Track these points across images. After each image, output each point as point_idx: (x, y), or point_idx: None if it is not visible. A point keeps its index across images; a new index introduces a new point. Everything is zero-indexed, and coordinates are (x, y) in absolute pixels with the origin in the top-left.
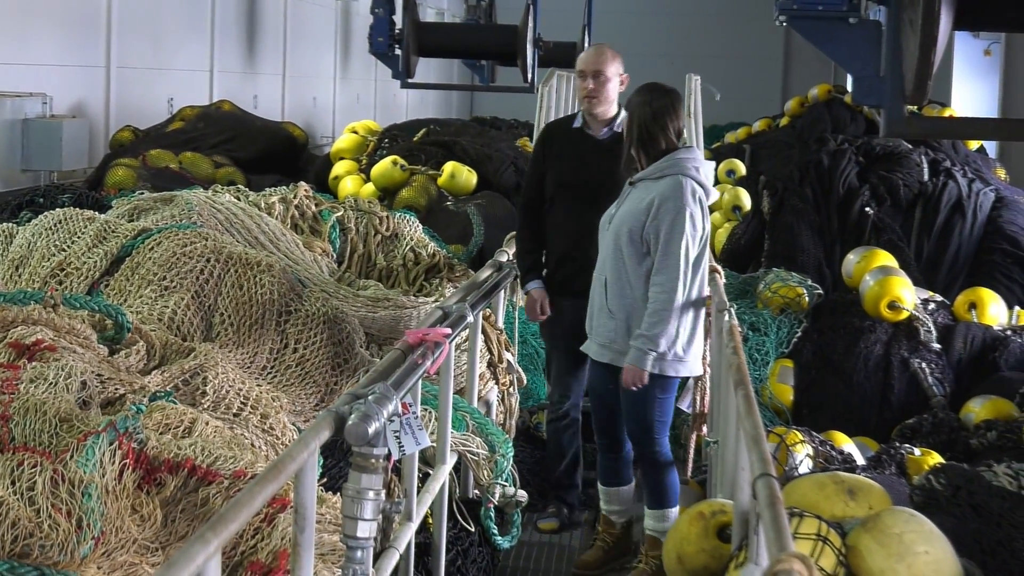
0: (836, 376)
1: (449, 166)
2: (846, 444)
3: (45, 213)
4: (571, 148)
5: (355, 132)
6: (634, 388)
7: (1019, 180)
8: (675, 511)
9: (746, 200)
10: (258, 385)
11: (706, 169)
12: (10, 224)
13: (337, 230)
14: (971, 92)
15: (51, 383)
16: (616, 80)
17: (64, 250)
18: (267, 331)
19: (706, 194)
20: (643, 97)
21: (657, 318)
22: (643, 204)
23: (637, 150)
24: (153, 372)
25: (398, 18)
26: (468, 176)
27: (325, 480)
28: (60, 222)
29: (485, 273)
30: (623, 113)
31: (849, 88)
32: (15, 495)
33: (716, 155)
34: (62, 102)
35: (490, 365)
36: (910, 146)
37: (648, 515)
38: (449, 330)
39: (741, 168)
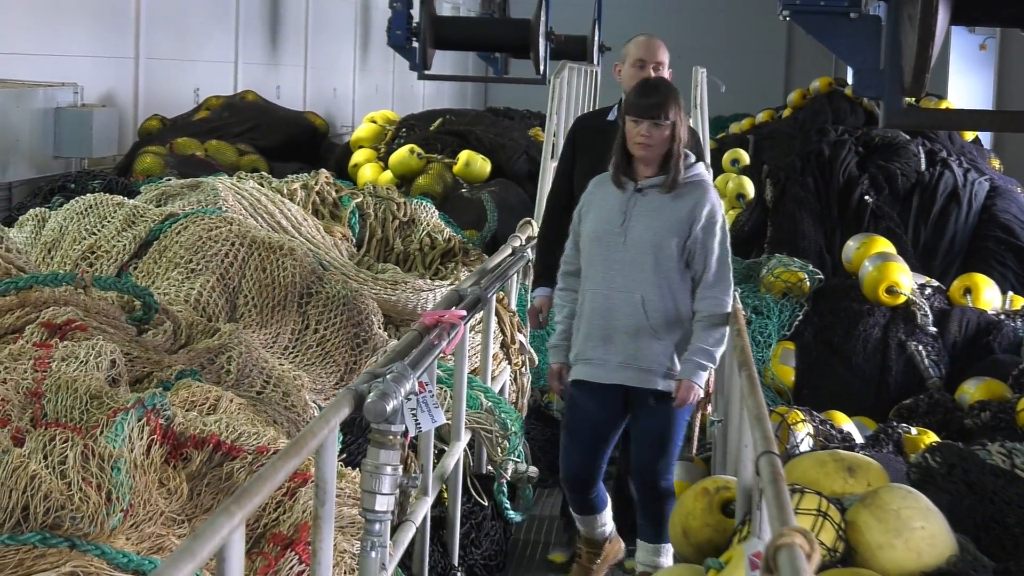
0: (836, 358)
1: (464, 154)
2: (845, 423)
3: (76, 198)
4: (604, 142)
5: (374, 122)
6: (680, 407)
7: (1013, 170)
8: (669, 546)
9: (750, 188)
10: (280, 364)
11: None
12: (43, 208)
13: (356, 216)
14: (967, 85)
15: (82, 361)
16: (667, 73)
17: (94, 234)
18: (289, 312)
19: None
20: (674, 91)
21: (719, 332)
22: (681, 213)
23: (671, 154)
24: (180, 351)
25: (415, 12)
26: (482, 164)
27: (345, 456)
28: (91, 207)
29: (499, 257)
30: None
31: (849, 81)
32: (47, 469)
33: (721, 145)
34: (93, 92)
35: (503, 346)
36: (908, 137)
37: (643, 548)
38: (464, 312)
39: (745, 157)
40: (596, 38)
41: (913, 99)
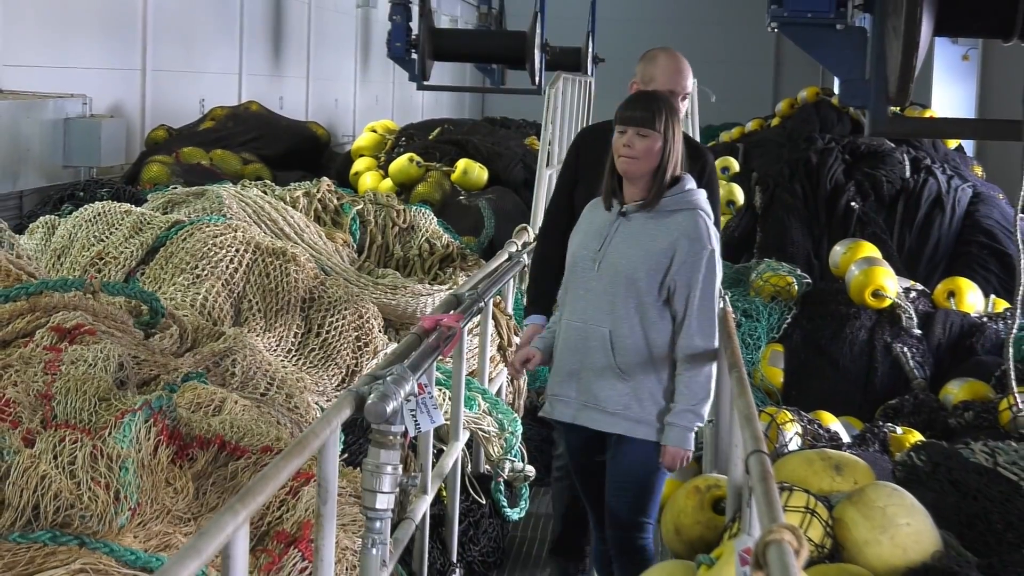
0: (823, 359)
1: (462, 163)
2: (833, 423)
3: (85, 206)
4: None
5: (374, 131)
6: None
7: (995, 177)
8: None
9: (739, 195)
10: (284, 367)
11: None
12: (52, 216)
13: (357, 222)
14: (950, 95)
15: (90, 364)
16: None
17: (103, 240)
18: (292, 316)
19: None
20: (663, 99)
21: (702, 390)
22: (661, 244)
23: (656, 171)
24: (186, 354)
25: (415, 25)
26: (480, 172)
27: (346, 455)
28: (99, 214)
29: (495, 262)
30: None
31: (836, 90)
32: (57, 469)
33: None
34: (101, 103)
35: (500, 348)
36: (893, 145)
37: None
38: (462, 316)
39: (735, 165)
40: (590, 50)
41: (898, 108)
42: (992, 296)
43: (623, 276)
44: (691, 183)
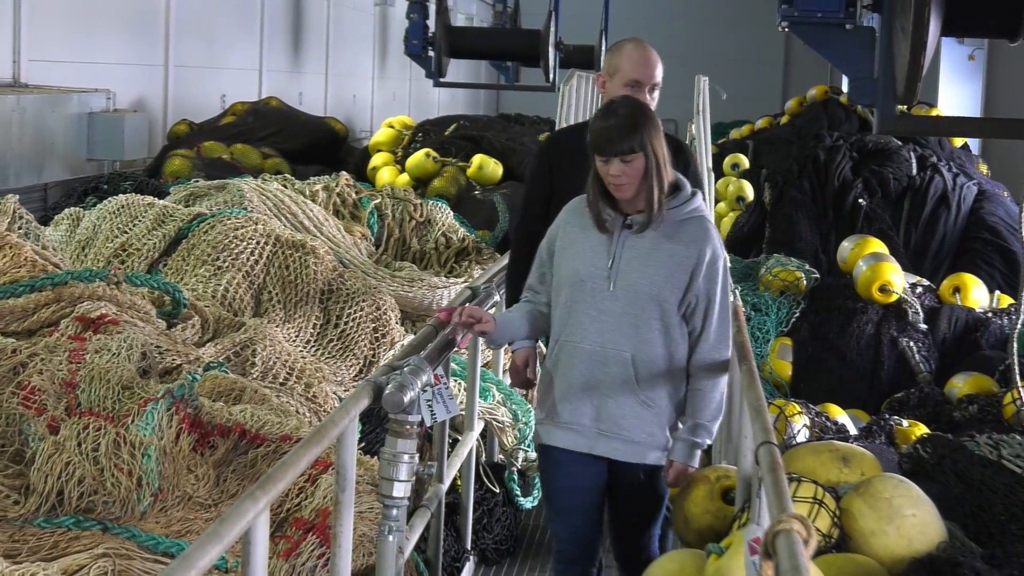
0: (831, 353)
1: (477, 158)
2: (840, 415)
3: (109, 199)
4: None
5: (391, 127)
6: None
7: (1000, 175)
8: None
9: (749, 191)
10: (303, 357)
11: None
12: (77, 208)
13: (375, 216)
14: (956, 94)
15: (114, 353)
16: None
17: (126, 232)
18: (311, 308)
19: None
20: (639, 111)
21: (717, 407)
22: (681, 259)
23: (646, 186)
24: (207, 344)
25: (431, 23)
26: (495, 167)
27: (363, 444)
28: (122, 207)
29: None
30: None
31: (844, 89)
32: (81, 455)
33: (722, 150)
34: (124, 97)
35: None
36: (900, 143)
37: None
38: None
39: (744, 162)
40: (603, 47)
41: (905, 107)
42: (997, 292)
43: (646, 296)
44: (688, 187)
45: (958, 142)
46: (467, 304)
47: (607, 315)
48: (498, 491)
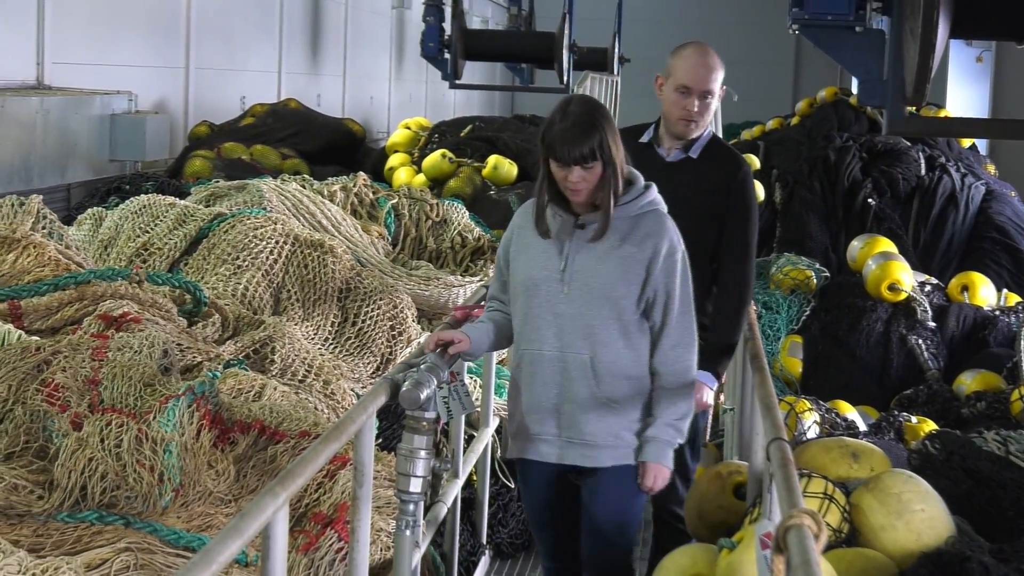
0: (841, 351)
1: (492, 159)
2: (850, 412)
3: (131, 199)
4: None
5: (408, 128)
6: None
7: (1007, 175)
8: None
9: (760, 191)
10: (321, 354)
11: None
12: (99, 208)
13: (392, 216)
14: (964, 95)
15: (136, 351)
16: (718, 98)
17: (148, 232)
18: (329, 306)
19: None
20: (597, 113)
21: (685, 403)
22: (635, 253)
23: (603, 191)
24: (227, 342)
25: (447, 25)
26: (509, 168)
27: (381, 441)
28: (144, 207)
29: None
30: (706, 134)
31: (854, 90)
32: (104, 451)
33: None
34: (146, 99)
35: None
36: (909, 143)
37: None
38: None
39: (756, 162)
40: (616, 50)
41: (914, 108)
42: (1004, 290)
43: (601, 295)
44: (641, 180)
45: (966, 143)
46: (438, 331)
47: (563, 318)
48: (513, 486)
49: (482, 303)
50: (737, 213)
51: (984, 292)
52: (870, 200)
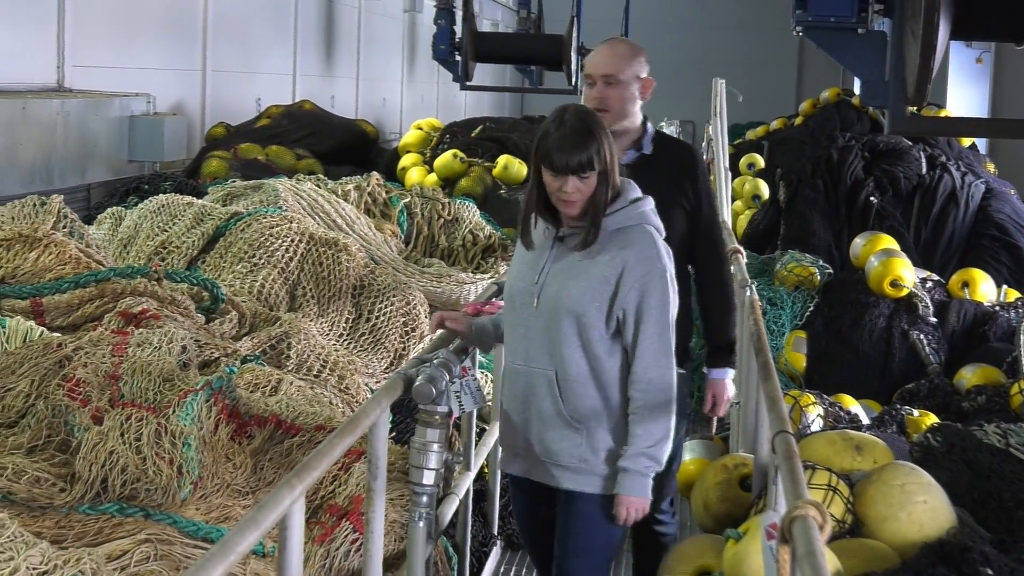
0: (844, 346)
1: (503, 159)
2: (853, 406)
3: (149, 198)
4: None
5: (420, 128)
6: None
7: (1007, 174)
8: None
9: (764, 190)
10: (336, 350)
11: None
12: (119, 208)
13: (405, 214)
14: (964, 95)
15: (155, 347)
16: (635, 86)
17: (166, 231)
18: (344, 303)
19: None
20: (593, 122)
21: (660, 430)
22: (604, 268)
23: (594, 203)
24: (244, 338)
25: (458, 28)
26: (519, 168)
27: (394, 434)
28: (163, 206)
29: None
30: (649, 128)
31: (857, 91)
32: (124, 445)
33: (738, 150)
34: (164, 101)
35: None
36: (910, 143)
37: None
38: (503, 303)
39: (760, 162)
40: None
41: (915, 108)
42: (1004, 286)
43: (564, 311)
44: (635, 191)
45: (966, 142)
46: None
47: (532, 332)
48: None
49: (493, 299)
50: (703, 202)
51: (984, 288)
52: (872, 198)
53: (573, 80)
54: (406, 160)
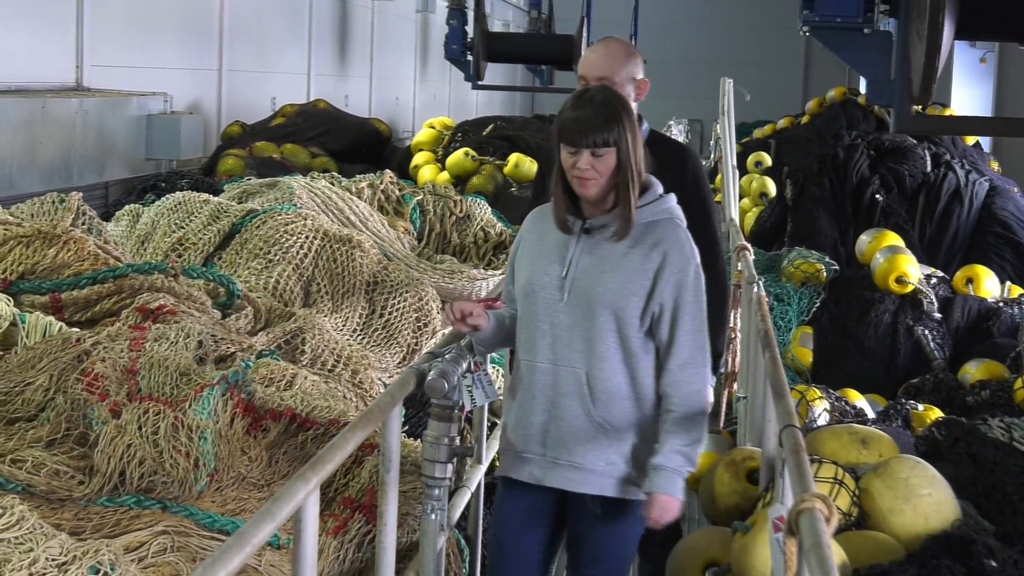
0: (850, 341)
1: (514, 157)
2: (858, 400)
3: (166, 196)
4: None
5: (432, 127)
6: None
7: (1010, 171)
8: None
9: (771, 188)
10: (349, 345)
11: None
12: (136, 205)
13: (417, 212)
14: (968, 95)
15: (172, 342)
16: (630, 88)
17: (183, 227)
18: (357, 299)
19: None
20: (618, 103)
21: (697, 429)
22: (642, 263)
23: (620, 187)
24: (259, 333)
25: (470, 28)
26: (530, 165)
27: (407, 428)
28: (179, 204)
29: None
30: (644, 125)
31: (863, 90)
32: (141, 438)
33: (746, 148)
34: (181, 100)
35: None
36: (915, 141)
37: None
38: (503, 300)
39: (767, 160)
40: None
41: (920, 107)
42: (1007, 282)
43: (601, 306)
44: (659, 187)
45: (970, 140)
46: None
47: (559, 328)
48: None
49: (499, 297)
50: (692, 203)
51: (988, 284)
52: (878, 196)
53: None
54: (418, 158)
